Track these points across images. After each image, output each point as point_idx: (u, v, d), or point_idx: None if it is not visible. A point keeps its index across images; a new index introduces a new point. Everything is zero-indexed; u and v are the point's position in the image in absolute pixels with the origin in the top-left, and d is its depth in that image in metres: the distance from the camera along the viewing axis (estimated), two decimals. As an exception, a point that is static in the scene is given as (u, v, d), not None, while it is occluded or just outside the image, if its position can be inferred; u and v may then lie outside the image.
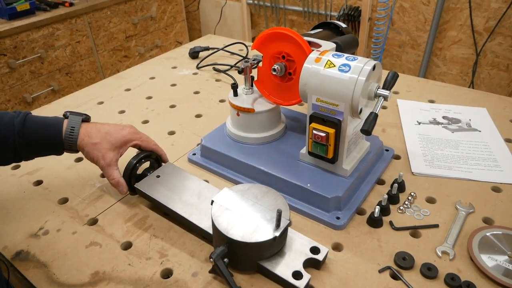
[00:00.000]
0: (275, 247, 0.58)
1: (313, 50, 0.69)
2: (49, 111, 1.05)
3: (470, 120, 0.95)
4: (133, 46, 2.47)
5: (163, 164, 0.77)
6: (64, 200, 0.75)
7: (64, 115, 0.71)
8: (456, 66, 2.08)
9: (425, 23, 2.06)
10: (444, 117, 0.96)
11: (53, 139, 0.67)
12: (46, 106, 1.08)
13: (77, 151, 0.69)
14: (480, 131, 0.91)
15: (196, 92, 1.13)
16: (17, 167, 0.85)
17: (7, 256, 0.64)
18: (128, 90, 1.16)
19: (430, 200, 0.73)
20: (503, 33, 1.87)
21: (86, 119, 0.71)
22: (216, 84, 1.17)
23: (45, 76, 2.04)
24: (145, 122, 1.00)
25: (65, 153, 0.70)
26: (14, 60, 1.86)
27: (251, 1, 2.60)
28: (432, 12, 1.98)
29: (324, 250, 0.59)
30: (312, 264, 0.59)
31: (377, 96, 0.64)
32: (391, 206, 0.71)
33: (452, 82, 2.07)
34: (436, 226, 0.67)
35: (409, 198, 0.72)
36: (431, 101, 1.04)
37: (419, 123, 0.94)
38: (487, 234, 0.64)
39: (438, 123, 0.94)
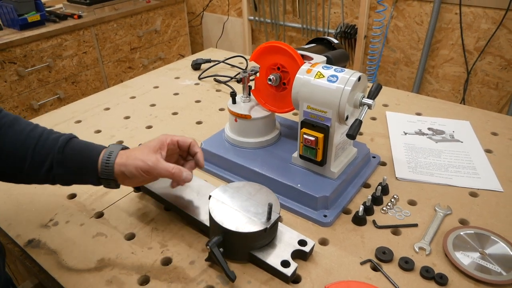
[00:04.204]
0: (266, 238, 0.63)
1: (305, 62, 0.76)
2: (58, 115, 1.12)
3: (453, 131, 1.02)
4: (137, 58, 2.56)
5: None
6: (73, 196, 0.81)
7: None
8: (448, 83, 2.16)
9: (419, 41, 2.15)
10: (429, 129, 1.03)
11: (88, 164, 0.63)
12: (56, 111, 1.15)
13: (115, 182, 0.64)
14: (462, 142, 0.97)
15: (198, 101, 1.20)
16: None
17: (20, 243, 0.69)
18: (133, 97, 1.22)
19: (412, 203, 0.78)
20: (493, 52, 1.95)
21: (125, 148, 0.68)
22: (217, 94, 1.24)
23: (52, 84, 2.12)
24: (149, 127, 1.06)
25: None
26: (23, 68, 1.94)
27: (252, 17, 2.70)
28: (425, 32, 2.08)
29: (310, 242, 0.65)
30: (300, 255, 0.65)
31: (361, 104, 0.70)
32: (375, 207, 0.76)
33: (445, 99, 2.12)
34: (415, 225, 0.72)
35: (392, 200, 0.78)
36: (418, 114, 1.10)
37: (406, 134, 1.01)
38: (461, 233, 0.69)
39: (423, 134, 1.01)
